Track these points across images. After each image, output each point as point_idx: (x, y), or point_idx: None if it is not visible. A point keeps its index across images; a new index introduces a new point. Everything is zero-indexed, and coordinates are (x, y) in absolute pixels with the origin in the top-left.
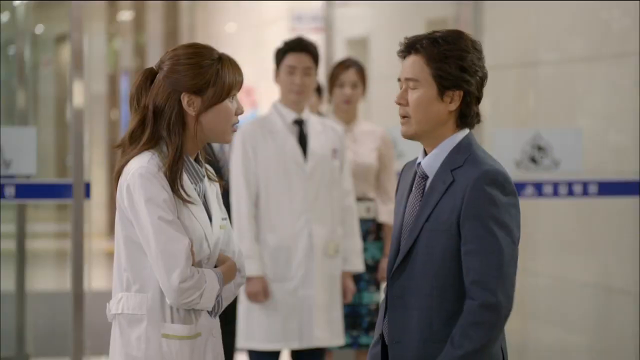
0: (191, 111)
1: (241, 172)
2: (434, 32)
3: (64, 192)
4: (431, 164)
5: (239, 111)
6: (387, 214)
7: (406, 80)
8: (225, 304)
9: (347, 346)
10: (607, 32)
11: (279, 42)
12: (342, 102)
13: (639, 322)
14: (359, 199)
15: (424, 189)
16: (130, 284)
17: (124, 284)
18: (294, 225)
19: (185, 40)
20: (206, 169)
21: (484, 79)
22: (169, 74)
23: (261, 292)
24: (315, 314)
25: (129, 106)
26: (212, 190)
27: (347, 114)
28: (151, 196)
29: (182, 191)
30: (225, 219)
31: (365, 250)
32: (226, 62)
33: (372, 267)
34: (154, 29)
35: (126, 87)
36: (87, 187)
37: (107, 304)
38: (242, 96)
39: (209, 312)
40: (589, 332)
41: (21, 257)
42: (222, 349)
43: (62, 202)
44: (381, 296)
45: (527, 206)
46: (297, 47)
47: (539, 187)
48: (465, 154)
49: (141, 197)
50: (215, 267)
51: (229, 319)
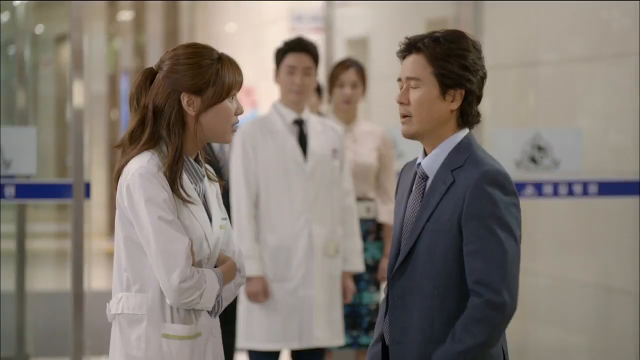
0: (191, 111)
1: (241, 172)
2: (434, 32)
3: (64, 192)
4: (431, 164)
5: (239, 111)
6: (387, 214)
7: (407, 79)
8: (225, 304)
9: (347, 346)
10: (607, 32)
11: (279, 42)
12: (342, 102)
13: (639, 322)
14: (359, 199)
15: (424, 189)
16: (130, 284)
17: (124, 284)
18: (294, 225)
19: (185, 40)
20: (206, 169)
21: (484, 79)
22: (168, 73)
23: (261, 292)
24: (315, 314)
25: (128, 106)
26: (212, 190)
27: (347, 114)
28: (151, 196)
29: (181, 191)
30: (225, 219)
31: (365, 250)
32: (226, 62)
33: (372, 267)
34: (154, 29)
35: (126, 87)
36: (87, 187)
37: (107, 304)
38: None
39: (209, 312)
40: (589, 332)
41: (21, 257)
42: (222, 349)
43: (62, 202)
44: (381, 296)
45: (527, 206)
46: (297, 47)
47: (539, 187)
48: (465, 154)
49: (141, 197)
50: (215, 267)
51: (229, 319)
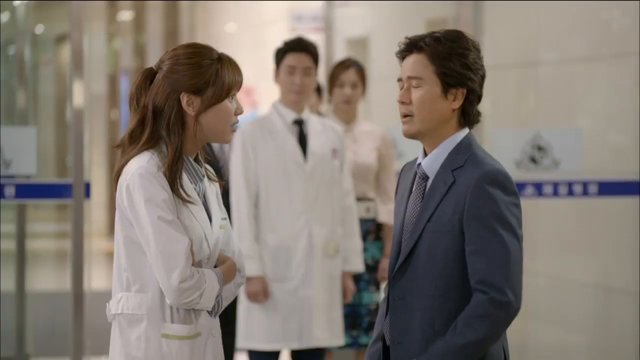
0: (190, 111)
1: (241, 172)
2: (434, 32)
3: (64, 192)
4: (431, 164)
5: (239, 111)
6: (386, 214)
7: (409, 79)
8: (225, 304)
9: (347, 346)
10: (607, 32)
11: (279, 42)
12: (342, 102)
13: (639, 322)
14: (359, 199)
15: (425, 189)
16: (130, 284)
17: (124, 284)
18: (294, 225)
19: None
20: (206, 169)
21: (484, 78)
22: (168, 73)
23: (261, 292)
24: (315, 314)
25: (128, 106)
26: (212, 190)
27: (347, 114)
28: (151, 196)
29: (181, 191)
30: (225, 219)
31: (365, 250)
32: (225, 62)
33: (372, 267)
34: (154, 29)
35: (126, 87)
36: (87, 187)
37: (107, 304)
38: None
39: (208, 312)
40: (589, 332)
41: (21, 257)
42: (222, 349)
43: (62, 202)
44: (381, 296)
45: (527, 206)
46: (297, 47)
47: (539, 187)
48: (465, 154)
49: (141, 197)
50: (215, 267)
51: (229, 319)
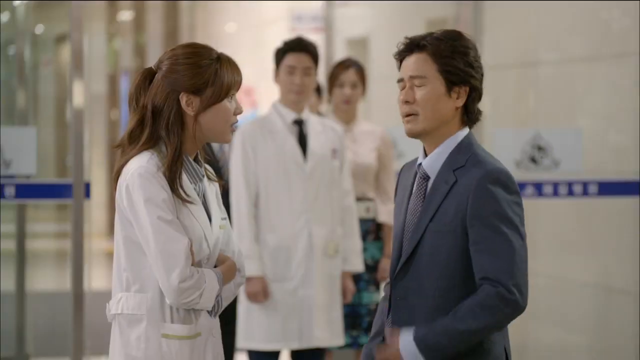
0: (190, 111)
1: (241, 172)
2: (432, 33)
3: (64, 192)
4: (432, 164)
5: (238, 111)
6: (386, 213)
7: (411, 78)
8: (225, 303)
9: (347, 346)
10: (607, 32)
11: (279, 42)
12: (342, 102)
13: (639, 322)
14: (359, 199)
15: (426, 190)
16: (129, 284)
17: (124, 284)
18: (293, 225)
19: (185, 40)
20: (205, 169)
21: (483, 77)
22: (167, 73)
23: (261, 292)
24: (315, 314)
25: (128, 106)
26: (212, 190)
27: (347, 114)
28: (150, 196)
29: (181, 191)
30: (224, 219)
31: (364, 250)
32: (225, 62)
33: (371, 267)
34: (154, 29)
35: (126, 87)
36: (87, 187)
37: (107, 304)
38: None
39: (208, 312)
40: (589, 332)
41: (21, 257)
42: (222, 349)
43: (62, 202)
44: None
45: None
46: (297, 47)
47: (539, 187)
48: (466, 153)
49: (140, 197)
50: (215, 267)
51: (228, 319)
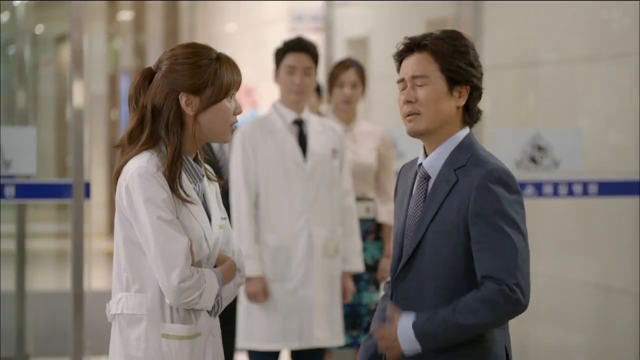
0: (189, 111)
1: (241, 172)
2: (431, 33)
3: (64, 192)
4: (433, 164)
5: (237, 111)
6: (386, 213)
7: (413, 78)
8: (225, 303)
9: (347, 346)
10: (607, 32)
11: (279, 42)
12: (342, 102)
13: (639, 322)
14: (359, 199)
15: (427, 189)
16: (129, 284)
17: (124, 284)
18: (293, 225)
19: (185, 40)
20: (205, 169)
21: (482, 77)
22: (167, 73)
23: (261, 292)
24: (315, 314)
25: (127, 106)
26: (212, 190)
27: (347, 114)
28: (150, 196)
29: (181, 191)
30: (224, 219)
31: (364, 250)
32: (224, 62)
33: (371, 267)
34: (154, 29)
35: (126, 87)
36: (87, 187)
37: (107, 304)
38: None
39: (208, 312)
40: (589, 332)
41: (21, 257)
42: (222, 349)
43: (62, 202)
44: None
45: (527, 206)
46: (297, 47)
47: (539, 187)
48: (467, 153)
49: (140, 197)
50: (215, 267)
51: (228, 318)
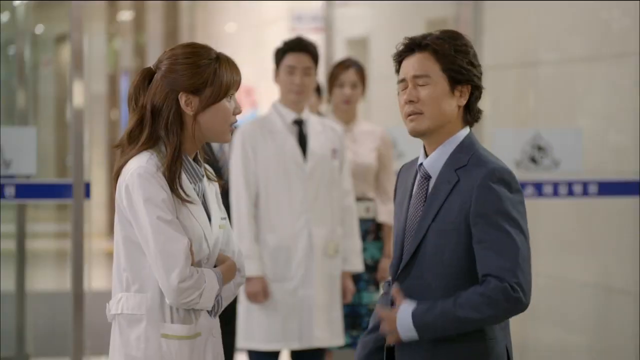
0: (189, 111)
1: (241, 172)
2: (431, 33)
3: (64, 192)
4: (433, 164)
5: (237, 111)
6: (386, 213)
7: (414, 77)
8: (225, 303)
9: (347, 346)
10: (607, 32)
11: (279, 42)
12: (342, 102)
13: (639, 322)
14: (359, 199)
15: (427, 189)
16: (129, 284)
17: (124, 284)
18: (293, 225)
19: (185, 40)
20: (205, 169)
21: (482, 76)
22: (166, 73)
23: (261, 293)
24: (315, 314)
25: (127, 106)
26: (211, 190)
27: (347, 114)
28: (150, 196)
29: (180, 191)
30: (224, 219)
31: (364, 250)
32: (224, 62)
33: (371, 267)
34: (154, 29)
35: (126, 87)
36: (87, 187)
37: (107, 304)
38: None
39: (208, 311)
40: (589, 332)
41: (21, 257)
42: (222, 348)
43: (62, 202)
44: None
45: (527, 206)
46: (297, 47)
47: (539, 187)
48: (468, 153)
49: (140, 197)
50: (214, 267)
51: (228, 319)
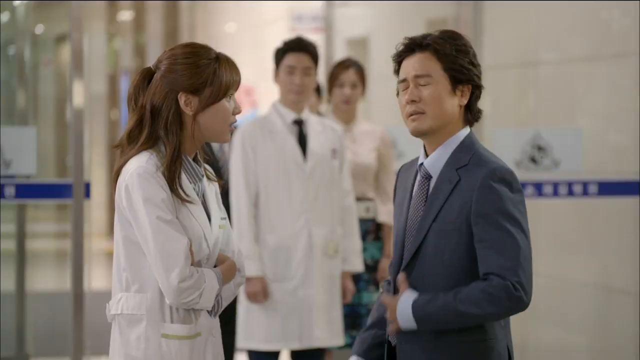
0: (188, 111)
1: (241, 172)
2: (430, 34)
3: (64, 192)
4: (434, 163)
5: (237, 111)
6: (386, 213)
7: (415, 77)
8: (225, 303)
9: (347, 346)
10: (607, 32)
11: (279, 42)
12: (342, 102)
13: (639, 322)
14: (358, 199)
15: (428, 189)
16: (129, 284)
17: (123, 284)
18: (293, 225)
19: (185, 40)
20: (205, 169)
21: (481, 76)
22: (166, 73)
23: (261, 293)
24: (315, 314)
25: (127, 106)
26: (211, 189)
27: (347, 114)
28: (149, 196)
29: (180, 191)
30: (224, 219)
31: (364, 250)
32: (223, 62)
33: (371, 267)
34: (154, 29)
35: (126, 87)
36: (87, 187)
37: (107, 304)
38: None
39: (208, 311)
40: (589, 332)
41: (21, 257)
42: (222, 348)
43: (62, 202)
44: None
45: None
46: (297, 47)
47: (539, 187)
48: (468, 152)
49: (139, 197)
50: (214, 266)
51: (228, 319)
